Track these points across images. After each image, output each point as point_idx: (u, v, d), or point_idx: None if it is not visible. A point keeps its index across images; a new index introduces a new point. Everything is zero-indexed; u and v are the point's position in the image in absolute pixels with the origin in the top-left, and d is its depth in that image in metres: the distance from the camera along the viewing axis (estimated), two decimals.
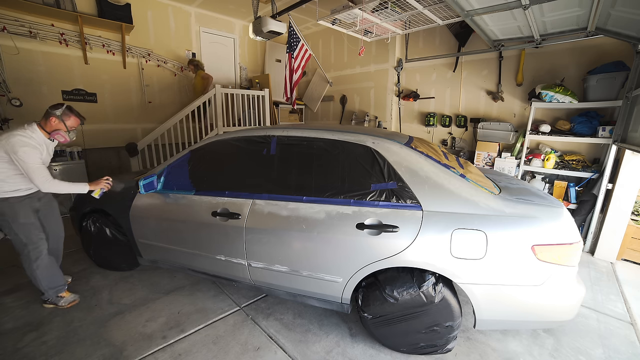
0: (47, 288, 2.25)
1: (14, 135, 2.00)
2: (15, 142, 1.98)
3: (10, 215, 2.11)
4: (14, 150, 1.98)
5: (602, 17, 2.72)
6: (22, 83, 4.18)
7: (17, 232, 2.13)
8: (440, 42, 4.82)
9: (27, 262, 2.20)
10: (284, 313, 2.30)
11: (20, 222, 2.13)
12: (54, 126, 2.16)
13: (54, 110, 2.15)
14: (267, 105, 5.80)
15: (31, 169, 2.02)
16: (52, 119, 2.14)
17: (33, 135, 2.09)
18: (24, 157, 1.99)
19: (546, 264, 1.56)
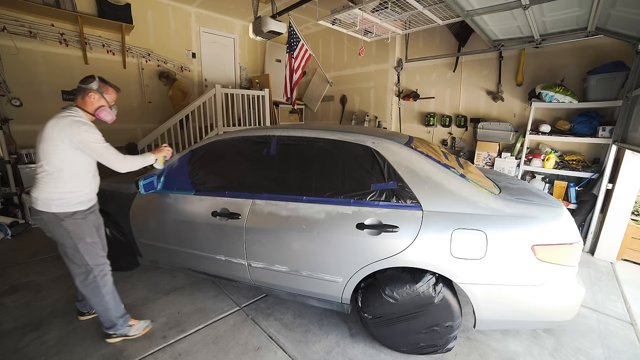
0: (117, 317, 1.93)
1: (65, 117, 1.69)
2: (72, 124, 1.67)
3: (76, 234, 1.78)
4: (76, 133, 1.66)
5: (602, 17, 2.72)
6: (22, 83, 4.18)
7: (83, 254, 1.81)
8: (440, 42, 4.82)
9: (95, 290, 1.86)
10: (284, 313, 2.30)
11: (87, 242, 1.82)
12: (95, 103, 1.82)
13: (89, 85, 1.79)
14: (267, 105, 5.80)
15: (104, 150, 1.76)
16: (90, 94, 1.79)
17: (83, 116, 1.79)
18: (91, 137, 1.71)
19: (546, 264, 1.56)
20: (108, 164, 1.80)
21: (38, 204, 1.74)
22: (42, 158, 1.70)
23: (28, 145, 4.24)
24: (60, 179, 1.72)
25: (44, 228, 1.81)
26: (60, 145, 1.67)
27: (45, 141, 1.68)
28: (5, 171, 3.89)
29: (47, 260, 3.08)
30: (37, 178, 1.73)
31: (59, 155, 1.69)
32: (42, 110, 4.36)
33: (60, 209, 1.75)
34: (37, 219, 1.79)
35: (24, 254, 3.21)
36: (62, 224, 1.75)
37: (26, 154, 4.13)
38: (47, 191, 1.72)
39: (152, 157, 2.01)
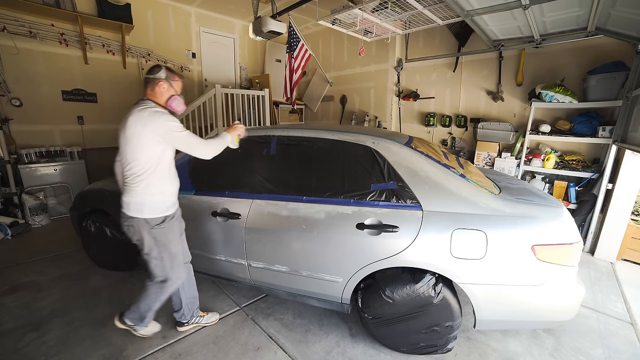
0: (148, 310, 1.88)
1: (143, 109, 1.59)
2: (153, 116, 1.57)
3: (163, 244, 1.73)
4: (159, 124, 1.56)
5: (602, 17, 2.72)
6: (22, 83, 4.18)
7: (165, 265, 1.76)
8: (440, 42, 4.82)
9: (159, 295, 1.82)
10: (284, 313, 2.30)
11: (171, 252, 1.77)
12: (165, 93, 1.71)
13: (157, 74, 1.69)
14: (267, 105, 5.79)
15: (188, 137, 1.65)
16: (160, 84, 1.69)
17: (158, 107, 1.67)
18: (174, 126, 1.61)
19: (546, 264, 1.56)
20: (194, 152, 1.70)
21: (130, 209, 1.66)
22: (131, 159, 1.60)
23: (28, 145, 4.25)
24: (151, 179, 1.64)
25: (132, 234, 1.72)
26: (146, 141, 1.58)
27: (132, 140, 1.58)
28: (5, 171, 3.89)
29: (47, 260, 3.08)
30: (127, 182, 1.66)
31: (147, 153, 1.60)
32: (42, 110, 4.37)
33: (152, 214, 1.68)
34: (127, 225, 1.71)
35: (24, 254, 3.21)
36: (151, 231, 1.68)
37: (26, 154, 4.13)
38: (138, 194, 1.64)
39: (229, 137, 1.86)
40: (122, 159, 1.66)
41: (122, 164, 1.71)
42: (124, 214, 1.70)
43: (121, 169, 1.76)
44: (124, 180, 1.69)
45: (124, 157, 1.64)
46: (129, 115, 1.61)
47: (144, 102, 1.66)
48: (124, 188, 1.71)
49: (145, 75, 1.73)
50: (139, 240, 1.72)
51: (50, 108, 4.44)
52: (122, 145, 1.63)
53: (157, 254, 1.72)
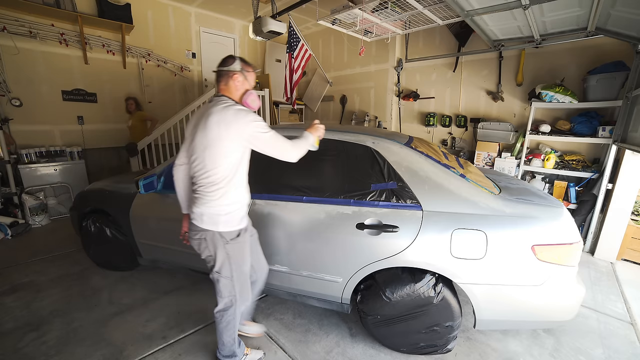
0: (237, 348, 1.73)
1: (226, 107, 1.40)
2: (238, 115, 1.38)
3: (236, 261, 1.55)
4: (244, 125, 1.37)
5: (602, 17, 2.72)
6: (22, 83, 4.18)
7: (235, 285, 1.57)
8: (440, 42, 4.82)
9: (229, 325, 1.63)
10: (284, 313, 2.30)
11: (243, 270, 1.60)
12: (240, 87, 1.52)
13: (231, 65, 1.49)
14: (267, 105, 5.79)
15: (275, 139, 1.46)
16: (234, 77, 1.49)
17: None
18: (261, 127, 1.41)
19: (546, 264, 1.56)
20: (280, 155, 1.51)
21: (204, 221, 1.47)
22: (210, 167, 1.41)
23: (28, 145, 4.25)
24: (229, 188, 1.45)
25: (202, 249, 1.55)
26: (229, 145, 1.39)
27: (214, 144, 1.38)
28: (5, 171, 3.89)
29: (47, 260, 3.08)
30: (200, 190, 1.47)
31: (228, 159, 1.41)
32: (42, 110, 4.37)
33: (228, 227, 1.50)
34: (198, 239, 1.52)
35: (24, 254, 3.21)
36: (226, 246, 1.50)
37: (26, 154, 4.13)
38: (214, 205, 1.45)
39: (312, 138, 1.64)
40: (196, 164, 1.46)
41: (190, 169, 1.53)
42: (194, 226, 1.52)
43: (184, 174, 1.63)
44: (196, 189, 1.49)
45: (201, 163, 1.43)
46: (208, 115, 1.39)
47: (222, 99, 1.46)
48: (194, 197, 1.51)
49: (217, 67, 1.52)
50: (211, 256, 1.54)
51: (50, 108, 4.44)
52: (197, 148, 1.43)
53: (229, 272, 1.53)
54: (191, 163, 1.51)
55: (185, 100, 5.74)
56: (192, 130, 1.50)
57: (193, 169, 1.49)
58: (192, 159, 1.50)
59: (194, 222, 1.51)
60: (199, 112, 1.52)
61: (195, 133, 1.45)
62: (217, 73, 1.52)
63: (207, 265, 1.59)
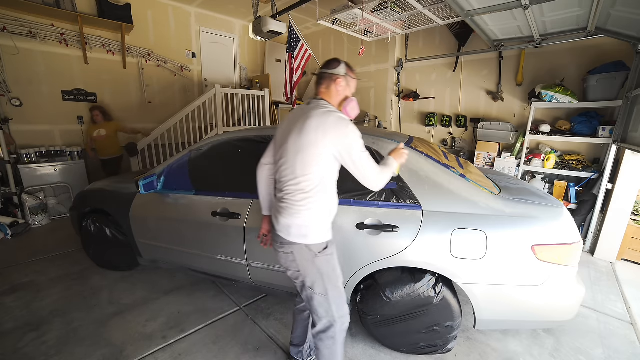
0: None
1: (328, 113, 1.29)
2: (339, 123, 1.26)
3: (329, 276, 1.39)
4: (343, 135, 1.26)
5: (602, 17, 2.72)
6: (22, 83, 4.18)
7: (331, 303, 1.40)
8: (440, 42, 4.82)
9: (332, 347, 1.46)
10: (284, 313, 2.30)
11: (337, 286, 1.43)
12: (341, 93, 1.41)
13: (336, 69, 1.38)
14: (267, 105, 5.79)
15: (366, 161, 1.31)
16: (338, 81, 1.38)
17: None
18: (359, 144, 1.29)
19: (546, 264, 1.56)
20: (365, 179, 1.34)
21: (291, 233, 1.35)
22: (300, 173, 1.30)
23: (28, 145, 4.25)
24: (319, 197, 1.34)
25: (289, 264, 1.41)
26: (322, 152, 1.27)
27: (307, 150, 1.27)
28: (5, 171, 3.89)
29: (47, 260, 3.08)
30: (288, 199, 1.34)
31: (321, 167, 1.30)
32: (42, 110, 4.37)
33: (316, 240, 1.36)
34: (285, 252, 1.40)
35: (24, 254, 3.21)
36: (315, 261, 1.36)
37: (26, 154, 4.13)
38: (303, 216, 1.33)
39: (395, 164, 1.47)
40: (284, 168, 1.35)
41: (276, 173, 1.42)
42: (280, 239, 1.39)
43: (268, 174, 1.54)
44: (282, 197, 1.37)
45: (290, 168, 1.32)
46: (306, 119, 1.29)
47: (322, 103, 1.35)
48: (280, 206, 1.38)
49: (320, 69, 1.41)
50: (298, 272, 1.40)
51: (50, 108, 4.44)
52: (288, 152, 1.33)
53: (322, 289, 1.39)
54: (278, 167, 1.40)
55: (185, 100, 5.74)
56: (284, 132, 1.38)
57: (280, 173, 1.38)
58: (280, 163, 1.38)
59: (280, 235, 1.38)
60: (293, 113, 1.40)
61: (288, 135, 1.34)
62: (319, 75, 1.42)
63: (294, 281, 1.45)
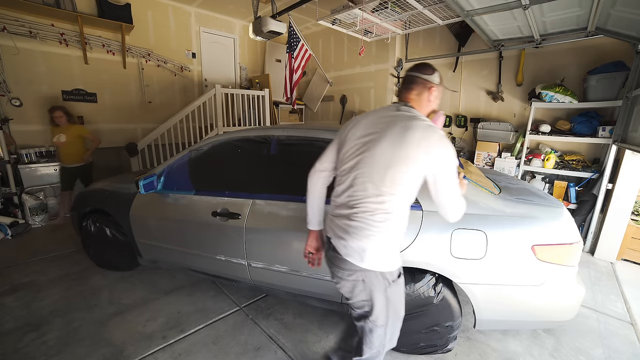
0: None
1: (432, 129, 1.11)
2: (432, 136, 1.10)
3: (395, 308, 1.25)
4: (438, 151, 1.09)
5: (602, 17, 2.72)
6: (22, 83, 4.18)
7: (388, 331, 1.27)
8: (440, 42, 4.82)
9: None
10: (284, 313, 2.30)
11: (400, 316, 1.30)
12: (432, 103, 1.27)
13: (431, 75, 1.24)
14: (267, 105, 5.80)
15: (455, 184, 1.15)
16: (432, 89, 1.24)
17: None
18: (453, 163, 1.12)
19: (546, 264, 1.56)
20: (447, 207, 1.17)
21: (364, 259, 1.15)
22: (387, 189, 1.11)
23: (28, 145, 4.25)
24: (398, 219, 1.16)
25: (356, 293, 1.22)
26: (418, 169, 1.10)
27: (402, 164, 1.09)
28: (5, 171, 3.89)
29: (47, 260, 3.08)
30: (364, 218, 1.14)
31: (409, 185, 1.13)
32: (43, 110, 4.36)
33: (392, 266, 1.20)
34: (353, 280, 1.20)
35: (24, 254, 3.21)
36: (387, 290, 1.20)
37: (26, 154, 4.13)
38: (381, 239, 1.15)
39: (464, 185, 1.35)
40: (361, 181, 1.15)
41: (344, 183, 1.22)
42: (349, 264, 1.18)
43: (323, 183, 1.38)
44: (354, 213, 1.16)
45: (374, 183, 1.12)
46: (406, 129, 1.10)
47: (416, 113, 1.18)
48: (348, 224, 1.17)
49: (411, 72, 1.25)
50: (366, 302, 1.22)
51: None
52: (370, 163, 1.14)
53: (385, 320, 1.23)
54: (348, 178, 1.19)
55: (185, 100, 5.74)
56: (362, 137, 1.19)
57: (353, 186, 1.17)
58: (352, 173, 1.18)
59: (349, 260, 1.17)
60: (375, 117, 1.21)
61: (371, 143, 1.14)
62: (409, 78, 1.25)
63: (355, 310, 1.28)
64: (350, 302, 1.26)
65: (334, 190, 1.29)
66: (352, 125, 1.27)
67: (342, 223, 1.20)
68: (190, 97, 5.81)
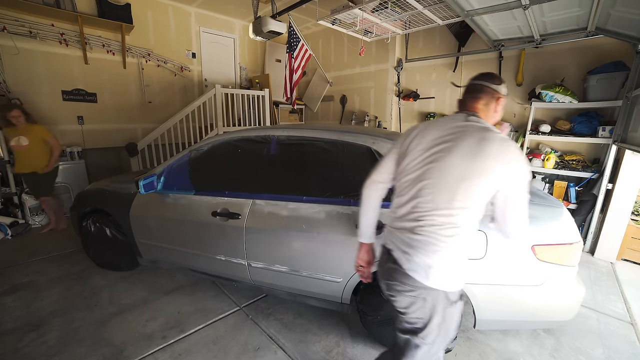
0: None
1: (508, 143, 1.06)
2: (521, 159, 1.06)
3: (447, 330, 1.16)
4: (515, 166, 1.05)
5: (602, 17, 2.72)
6: (22, 83, 4.18)
7: (432, 351, 1.18)
8: (440, 42, 4.82)
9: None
10: (284, 313, 2.30)
11: (449, 336, 1.20)
12: (498, 114, 1.21)
13: (500, 86, 1.19)
14: (267, 105, 5.80)
15: (526, 209, 1.10)
16: (500, 100, 1.19)
17: None
18: (527, 180, 1.08)
19: (546, 264, 1.56)
20: (512, 220, 1.11)
21: (430, 276, 1.08)
22: (459, 203, 1.06)
23: None
24: (466, 234, 1.10)
25: (415, 309, 1.14)
26: (492, 184, 1.05)
27: (480, 177, 1.04)
28: (5, 171, 3.89)
29: (47, 260, 3.08)
30: (431, 232, 1.08)
31: (481, 199, 1.07)
32: (42, 110, 4.36)
33: (457, 286, 1.13)
34: (413, 296, 1.12)
35: (24, 254, 3.21)
36: (447, 310, 1.12)
37: None
38: (449, 255, 1.09)
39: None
40: (429, 192, 1.09)
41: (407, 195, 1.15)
42: (411, 281, 1.11)
43: (380, 194, 1.31)
44: (419, 226, 1.10)
45: (446, 196, 1.06)
46: (482, 140, 1.05)
47: (487, 124, 1.13)
48: (413, 238, 1.11)
49: (479, 81, 1.22)
50: (421, 319, 1.14)
51: (50, 108, 4.43)
52: (440, 174, 1.08)
53: (433, 339, 1.15)
54: (412, 189, 1.13)
55: (185, 100, 5.74)
56: (432, 148, 1.12)
57: (418, 195, 1.11)
58: (417, 184, 1.12)
59: (413, 275, 1.10)
60: (443, 128, 1.15)
61: (443, 153, 1.09)
62: (477, 87, 1.21)
63: (404, 323, 1.19)
64: (402, 316, 1.18)
65: (394, 201, 1.23)
66: (414, 135, 1.20)
67: (405, 236, 1.14)
68: (190, 97, 5.81)
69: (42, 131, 3.49)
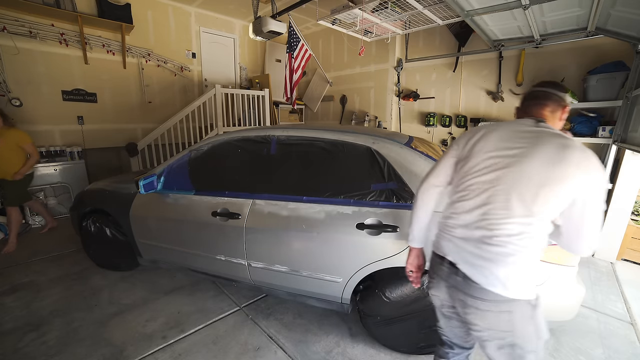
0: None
1: (590, 153, 1.03)
2: (601, 170, 1.02)
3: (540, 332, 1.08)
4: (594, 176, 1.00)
5: (602, 17, 2.72)
6: (22, 83, 4.18)
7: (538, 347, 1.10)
8: (440, 42, 4.82)
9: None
10: (284, 313, 2.30)
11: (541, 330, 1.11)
12: (562, 122, 1.19)
13: (565, 94, 1.16)
14: (267, 105, 5.80)
15: (599, 225, 1.04)
16: (566, 109, 1.16)
17: None
18: (604, 196, 1.03)
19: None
20: (586, 233, 1.04)
21: (509, 287, 1.03)
22: (538, 210, 1.01)
23: None
24: (541, 243, 1.05)
25: (498, 324, 1.07)
26: (570, 192, 1.00)
27: (559, 184, 0.99)
28: None
29: (47, 260, 3.08)
30: (507, 242, 1.02)
31: (558, 207, 1.02)
32: (42, 110, 4.37)
33: (534, 292, 1.08)
34: (497, 311, 1.06)
35: (24, 254, 3.21)
36: (534, 315, 1.07)
37: None
38: (526, 264, 1.04)
39: None
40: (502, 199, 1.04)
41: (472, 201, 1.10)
42: (492, 295, 1.04)
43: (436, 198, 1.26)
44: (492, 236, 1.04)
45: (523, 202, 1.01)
46: (564, 147, 1.01)
47: (559, 131, 1.09)
48: (486, 249, 1.05)
49: (545, 88, 1.18)
50: (509, 332, 1.07)
51: (50, 108, 4.43)
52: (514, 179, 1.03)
53: (536, 345, 1.08)
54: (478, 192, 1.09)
55: (185, 100, 5.74)
56: (503, 151, 1.07)
57: (489, 202, 1.06)
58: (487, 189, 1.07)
59: (491, 290, 1.03)
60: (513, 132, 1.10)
61: (519, 158, 1.03)
62: (543, 94, 1.16)
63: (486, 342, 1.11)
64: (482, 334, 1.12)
65: (454, 206, 1.16)
66: (477, 137, 1.15)
67: (476, 248, 1.07)
68: (190, 97, 5.81)
69: (18, 136, 3.22)
